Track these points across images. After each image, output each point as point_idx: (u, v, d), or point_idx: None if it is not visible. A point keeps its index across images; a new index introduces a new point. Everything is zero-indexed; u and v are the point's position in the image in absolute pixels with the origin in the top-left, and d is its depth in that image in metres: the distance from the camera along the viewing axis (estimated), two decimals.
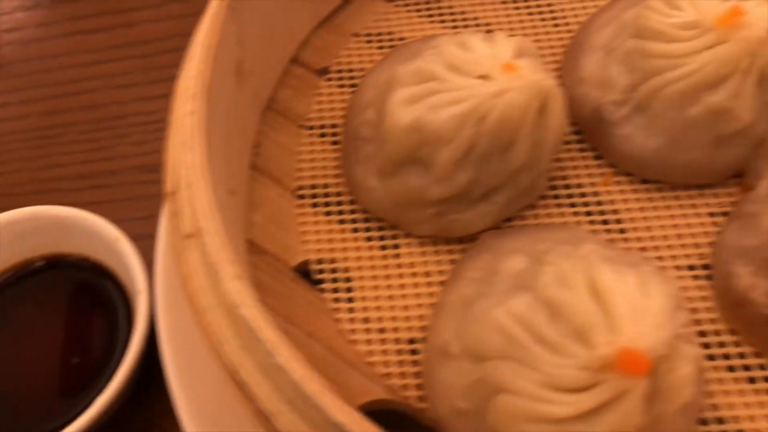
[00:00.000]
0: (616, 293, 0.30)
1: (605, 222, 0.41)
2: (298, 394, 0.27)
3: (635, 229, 0.41)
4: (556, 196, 0.42)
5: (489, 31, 0.49)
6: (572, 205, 0.42)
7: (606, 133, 0.42)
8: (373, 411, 0.37)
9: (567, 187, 0.42)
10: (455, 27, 0.49)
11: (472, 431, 0.33)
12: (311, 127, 0.45)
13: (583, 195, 0.42)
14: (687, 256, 0.40)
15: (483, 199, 0.39)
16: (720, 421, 0.35)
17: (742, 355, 0.37)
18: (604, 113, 0.42)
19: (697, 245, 0.40)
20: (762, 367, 0.36)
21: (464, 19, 0.49)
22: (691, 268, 0.39)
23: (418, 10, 0.50)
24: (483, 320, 0.33)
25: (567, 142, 0.44)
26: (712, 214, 0.41)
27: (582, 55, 0.43)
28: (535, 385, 0.30)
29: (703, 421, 0.35)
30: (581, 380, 0.29)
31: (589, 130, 0.43)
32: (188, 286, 0.31)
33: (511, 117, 0.36)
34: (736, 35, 0.37)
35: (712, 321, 0.37)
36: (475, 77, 0.37)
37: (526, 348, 0.31)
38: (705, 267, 0.39)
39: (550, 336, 0.30)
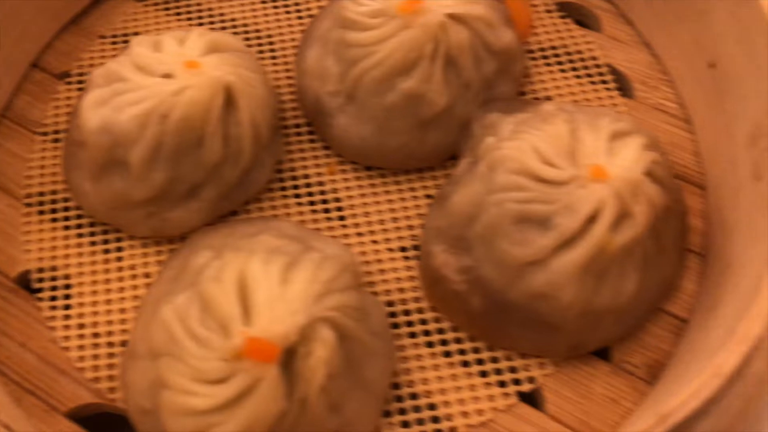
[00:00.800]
0: (258, 284, 0.31)
1: (327, 210, 0.42)
2: None
3: (354, 215, 0.42)
4: (283, 188, 0.43)
5: (235, 27, 0.49)
6: (297, 195, 0.42)
7: (326, 123, 0.42)
8: (89, 416, 0.37)
9: (294, 178, 0.43)
10: (201, 24, 0.49)
11: (153, 430, 0.33)
12: (45, 133, 0.45)
13: (308, 185, 0.43)
14: (400, 238, 0.41)
15: (189, 196, 0.39)
16: (413, 396, 0.36)
17: (441, 331, 0.38)
18: (323, 104, 0.42)
19: (410, 227, 0.41)
20: (458, 341, 0.37)
21: (210, 16, 0.50)
22: (403, 249, 0.40)
23: (167, 9, 0.50)
24: (157, 318, 0.33)
25: (298, 134, 0.45)
26: (429, 197, 0.42)
27: (306, 47, 0.44)
28: (186, 379, 0.30)
29: (398, 398, 0.36)
30: (222, 371, 0.30)
31: (314, 121, 0.44)
32: None
33: (193, 114, 0.36)
34: (417, 21, 0.38)
35: (416, 300, 0.39)
36: (158, 76, 0.37)
37: (180, 343, 0.31)
38: (416, 248, 0.40)
39: (199, 330, 0.31)
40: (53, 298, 0.40)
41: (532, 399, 0.36)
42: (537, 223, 0.34)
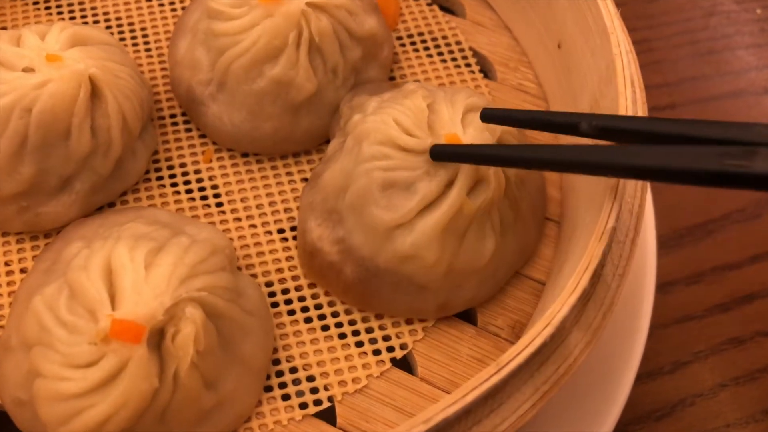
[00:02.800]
0: (124, 269, 0.32)
1: (204, 198, 0.43)
2: None
3: (232, 201, 0.43)
4: (159, 177, 0.43)
5: (108, 21, 0.49)
6: (174, 184, 0.43)
7: (199, 112, 0.43)
8: None
9: (171, 167, 0.44)
10: (73, 18, 0.49)
11: (30, 420, 0.33)
12: None
13: (185, 174, 0.44)
14: (278, 221, 0.42)
15: (61, 189, 0.39)
16: (293, 370, 0.38)
17: (318, 306, 0.40)
18: (195, 93, 0.43)
19: (288, 210, 0.42)
20: (334, 315, 0.39)
21: (82, 10, 0.49)
22: (281, 231, 0.42)
23: (36, 3, 0.49)
24: (29, 310, 0.33)
25: (174, 124, 0.45)
26: (305, 180, 0.44)
27: (177, 38, 0.45)
28: (57, 365, 0.31)
29: (279, 373, 0.38)
30: (92, 355, 0.31)
31: (188, 110, 0.44)
32: None
33: (56, 107, 0.36)
34: (279, 10, 0.40)
35: (294, 278, 0.40)
36: (19, 70, 0.37)
37: (50, 331, 0.32)
38: (293, 229, 0.42)
39: (67, 317, 0.31)
40: None
41: (405, 364, 0.39)
42: (402, 188, 0.36)
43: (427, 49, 0.49)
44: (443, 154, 0.36)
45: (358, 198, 0.37)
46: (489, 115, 0.37)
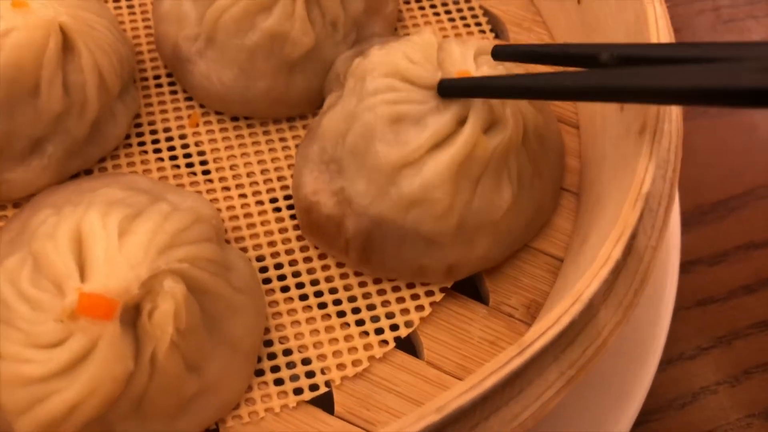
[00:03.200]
0: (95, 237, 0.28)
1: (190, 165, 0.39)
2: None
3: (220, 168, 0.39)
4: (142, 143, 0.39)
5: None
6: (158, 150, 0.39)
7: (185, 70, 0.39)
8: None
9: (154, 132, 0.40)
10: None
11: None
12: None
13: (170, 139, 0.40)
14: (270, 190, 0.38)
15: (31, 153, 0.35)
16: (287, 352, 0.34)
17: (314, 282, 0.36)
18: (181, 50, 0.39)
19: (281, 178, 0.39)
20: (332, 291, 0.36)
21: None
22: (273, 201, 0.38)
23: None
24: None
25: (158, 85, 0.41)
26: (300, 146, 0.40)
27: None
28: (19, 345, 0.27)
29: (271, 355, 0.34)
30: (57, 333, 0.27)
31: (174, 70, 0.40)
32: None
33: (22, 59, 0.33)
34: None
35: (288, 252, 0.37)
36: None
37: (11, 307, 0.28)
38: (287, 198, 0.38)
39: (31, 291, 0.28)
40: None
41: (410, 347, 0.35)
42: (411, 123, 0.33)
43: (434, 6, 0.45)
44: (453, 88, 0.33)
45: (362, 137, 0.33)
46: (501, 52, 0.34)
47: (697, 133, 0.53)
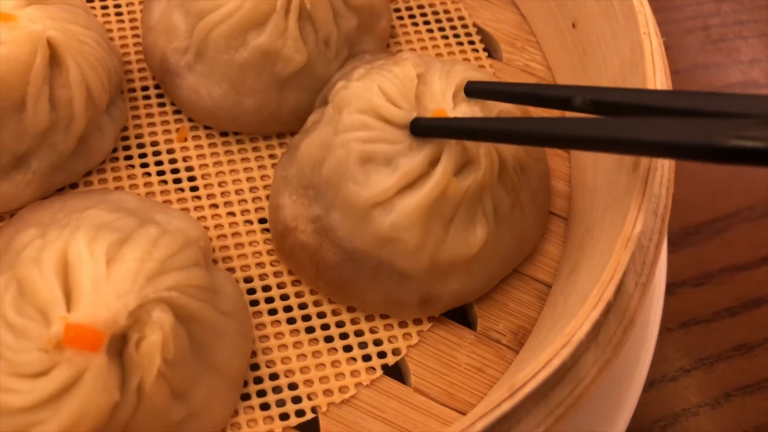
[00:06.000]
0: (81, 264, 0.27)
1: (178, 180, 0.39)
2: None
3: (208, 185, 0.38)
4: (128, 157, 0.39)
5: None
6: (145, 165, 0.39)
7: (174, 83, 0.39)
8: None
9: (141, 146, 0.39)
10: None
11: None
12: None
13: (157, 153, 0.39)
14: (259, 209, 0.38)
15: (15, 168, 0.35)
16: (273, 377, 0.34)
17: (302, 306, 0.36)
18: (170, 62, 0.39)
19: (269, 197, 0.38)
20: (321, 316, 0.35)
21: None
22: (262, 221, 0.38)
23: None
24: None
25: (146, 97, 0.41)
26: (278, 166, 0.39)
27: (152, 1, 0.40)
28: (2, 374, 0.27)
29: (257, 379, 0.34)
30: (42, 363, 0.26)
31: (162, 82, 0.40)
32: None
33: (8, 73, 0.32)
34: None
35: (276, 274, 0.36)
36: None
37: None
38: None
39: (15, 319, 0.27)
40: None
41: (397, 372, 0.35)
42: (381, 163, 0.33)
43: (427, 23, 0.44)
44: (425, 128, 0.33)
45: (335, 171, 0.33)
46: (474, 90, 0.34)
47: None
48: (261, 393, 0.34)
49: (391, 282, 0.34)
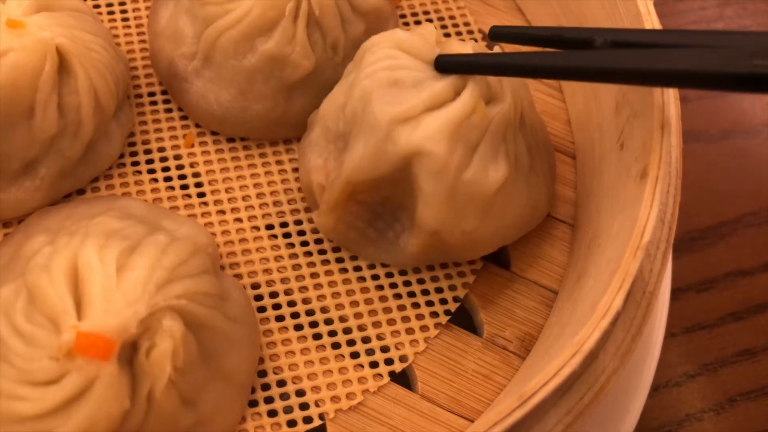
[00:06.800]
0: (92, 272, 0.27)
1: (185, 186, 0.39)
2: None
3: (215, 191, 0.38)
4: (135, 163, 0.39)
5: None
6: (152, 170, 0.39)
7: (181, 89, 0.39)
8: None
9: (148, 151, 0.39)
10: None
11: None
12: None
13: (164, 159, 0.39)
14: (266, 215, 0.38)
15: (24, 174, 0.35)
16: (281, 383, 0.34)
17: (310, 312, 0.36)
18: (177, 68, 0.39)
19: (277, 203, 0.38)
20: (328, 322, 0.36)
21: None
22: (269, 227, 0.38)
23: None
24: None
25: (153, 103, 0.41)
26: (297, 170, 0.40)
27: (158, 6, 0.40)
28: (11, 382, 0.27)
29: (265, 386, 0.34)
30: (52, 371, 0.27)
31: (169, 87, 0.40)
32: None
33: (18, 81, 0.32)
34: None
35: (283, 281, 0.36)
36: None
37: (5, 342, 0.27)
38: (283, 225, 0.38)
39: (25, 326, 0.27)
40: None
41: (404, 379, 0.35)
42: (408, 86, 0.33)
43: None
44: (450, 63, 0.33)
45: (359, 101, 0.33)
46: (498, 33, 0.35)
47: (688, 158, 0.53)
48: (269, 399, 0.34)
49: (409, 197, 0.34)
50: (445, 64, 0.33)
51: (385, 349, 0.35)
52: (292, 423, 0.33)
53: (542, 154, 0.37)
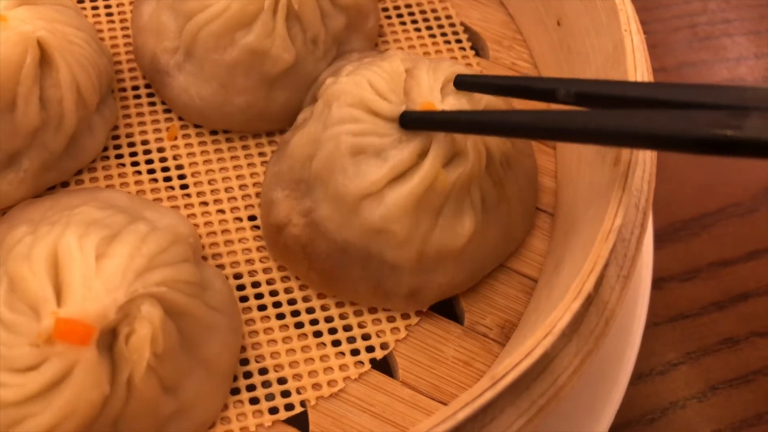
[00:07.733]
0: (72, 260, 0.28)
1: (168, 179, 0.39)
2: None
3: (198, 183, 0.39)
4: (119, 155, 0.39)
5: None
6: (135, 163, 0.39)
7: (164, 83, 0.39)
8: None
9: (132, 144, 0.40)
10: None
11: None
12: None
13: (148, 152, 0.40)
14: (249, 206, 0.38)
15: (7, 167, 0.35)
16: (263, 371, 0.34)
17: (292, 302, 0.36)
18: (160, 62, 0.39)
19: (260, 194, 0.39)
20: (310, 311, 0.36)
21: None
22: (252, 218, 0.38)
23: None
24: None
25: (137, 96, 0.41)
26: (269, 163, 0.40)
27: (142, 1, 0.40)
28: None
29: (247, 374, 0.34)
30: (33, 358, 0.27)
31: (153, 81, 0.40)
32: None
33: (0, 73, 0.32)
34: None
35: (266, 270, 0.37)
36: None
37: None
38: None
39: (5, 314, 0.28)
40: None
41: (385, 366, 0.35)
42: (371, 155, 0.33)
43: (415, 22, 0.45)
44: (414, 121, 0.33)
45: (325, 165, 0.34)
46: (463, 82, 0.34)
47: None
48: (250, 387, 0.34)
49: (381, 274, 0.34)
50: (409, 122, 0.33)
51: (366, 337, 0.35)
52: (273, 410, 0.33)
53: (515, 177, 0.37)
